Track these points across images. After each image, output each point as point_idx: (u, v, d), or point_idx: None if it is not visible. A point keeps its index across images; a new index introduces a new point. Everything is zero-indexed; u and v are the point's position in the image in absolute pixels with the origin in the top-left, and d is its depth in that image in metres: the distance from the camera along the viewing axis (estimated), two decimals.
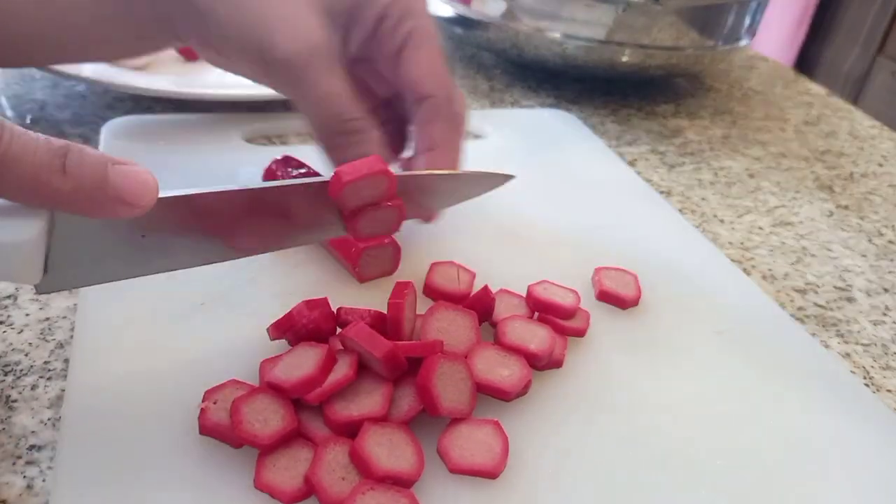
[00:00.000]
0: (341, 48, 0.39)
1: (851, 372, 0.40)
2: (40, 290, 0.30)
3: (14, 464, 0.30)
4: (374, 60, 0.42)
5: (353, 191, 0.34)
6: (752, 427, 0.35)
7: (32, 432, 0.31)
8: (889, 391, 0.40)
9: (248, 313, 0.37)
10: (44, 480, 0.30)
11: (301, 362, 0.31)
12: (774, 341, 0.41)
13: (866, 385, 0.40)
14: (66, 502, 0.27)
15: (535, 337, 0.35)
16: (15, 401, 0.33)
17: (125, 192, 0.27)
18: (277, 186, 0.34)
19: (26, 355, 0.35)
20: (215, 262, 0.34)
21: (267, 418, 0.29)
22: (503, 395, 0.33)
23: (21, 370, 0.34)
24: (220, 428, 0.30)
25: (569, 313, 0.38)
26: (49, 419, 0.32)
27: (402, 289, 0.34)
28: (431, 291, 0.39)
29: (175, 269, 0.33)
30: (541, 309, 0.38)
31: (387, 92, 0.44)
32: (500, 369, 0.33)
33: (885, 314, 0.47)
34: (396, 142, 0.44)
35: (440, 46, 0.41)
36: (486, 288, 0.37)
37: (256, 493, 0.29)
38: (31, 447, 0.31)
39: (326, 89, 0.38)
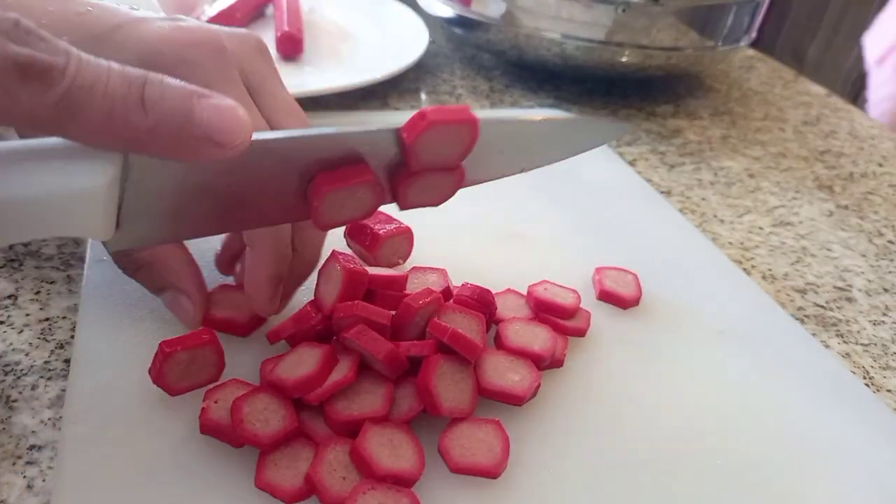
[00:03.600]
0: None
1: (851, 372, 0.40)
2: (112, 246, 0.27)
3: (14, 464, 0.30)
4: None
5: (432, 139, 0.29)
6: (752, 427, 0.35)
7: (33, 432, 0.31)
8: (889, 391, 0.40)
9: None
10: (44, 480, 0.30)
11: (302, 362, 0.31)
12: (774, 341, 0.41)
13: (866, 385, 0.40)
14: (66, 502, 0.27)
15: (538, 338, 0.35)
16: (15, 401, 0.33)
17: (214, 129, 0.23)
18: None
19: (26, 355, 0.35)
20: (297, 221, 0.31)
21: (267, 418, 0.29)
22: (515, 401, 0.33)
23: (21, 370, 0.34)
24: (221, 427, 0.30)
25: (569, 313, 0.38)
26: (49, 419, 0.32)
27: (426, 294, 0.34)
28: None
29: (255, 227, 0.30)
30: (541, 309, 0.38)
31: None
32: (509, 374, 0.33)
33: (884, 314, 0.47)
34: None
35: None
36: (487, 290, 0.36)
37: (257, 493, 0.29)
38: (32, 447, 0.31)
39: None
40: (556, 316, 0.38)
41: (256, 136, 0.25)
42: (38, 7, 0.30)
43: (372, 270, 0.35)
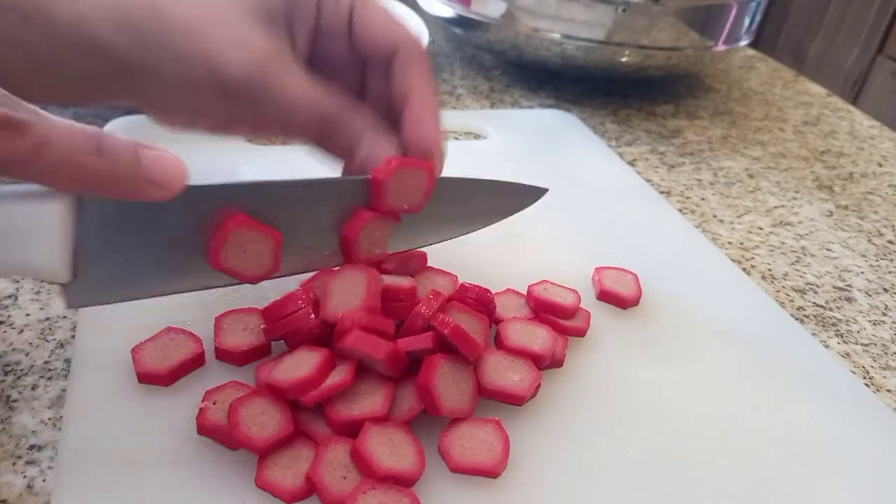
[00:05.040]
0: (293, 49, 0.39)
1: (851, 372, 0.40)
2: (69, 300, 0.30)
3: (14, 464, 0.30)
4: (331, 47, 0.41)
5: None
6: (752, 426, 0.35)
7: (33, 432, 0.31)
8: (889, 391, 0.40)
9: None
10: (44, 480, 0.30)
11: (300, 365, 0.31)
12: (774, 341, 0.41)
13: (866, 385, 0.40)
14: (66, 502, 0.27)
15: (537, 338, 0.35)
16: (15, 401, 0.33)
17: (156, 174, 0.28)
18: (317, 180, 0.34)
19: (27, 355, 0.35)
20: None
21: (264, 422, 0.29)
22: (516, 401, 0.33)
23: (21, 370, 0.34)
24: (219, 429, 0.30)
25: (569, 313, 0.38)
26: (49, 419, 0.32)
27: (436, 300, 0.34)
28: None
29: (205, 288, 0.33)
30: (542, 309, 0.38)
31: (355, 78, 0.43)
32: (509, 374, 0.33)
33: (884, 314, 0.47)
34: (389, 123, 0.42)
35: (384, 4, 0.40)
36: (486, 290, 0.36)
37: (257, 492, 0.29)
38: (32, 447, 0.31)
39: (295, 91, 0.37)
40: (557, 316, 0.38)
41: (195, 182, 0.30)
42: None
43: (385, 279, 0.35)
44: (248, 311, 0.36)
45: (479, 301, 0.36)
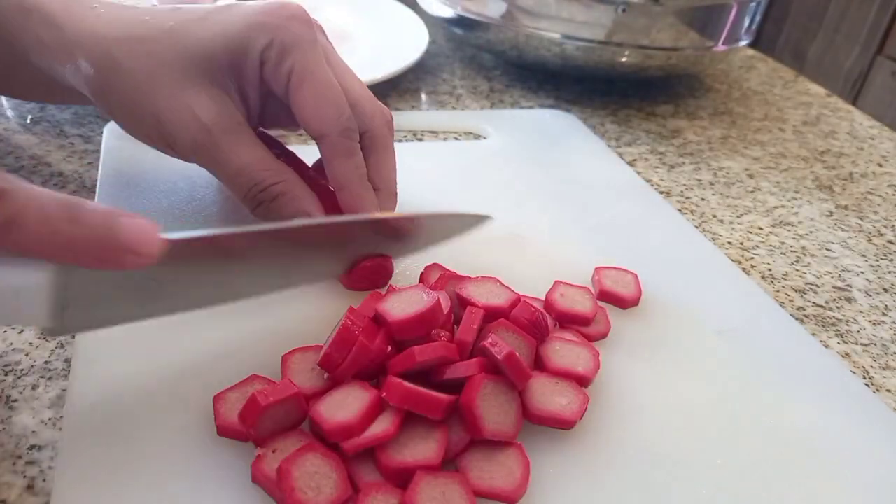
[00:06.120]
0: (244, 111, 0.39)
1: (851, 372, 0.40)
2: (53, 332, 0.29)
3: (14, 464, 0.30)
4: (278, 104, 0.41)
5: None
6: (752, 426, 0.35)
7: (33, 432, 0.31)
8: (889, 391, 0.40)
9: (249, 313, 0.37)
10: (44, 480, 0.30)
11: (345, 404, 0.30)
12: (774, 341, 0.41)
13: (866, 385, 0.40)
14: (66, 502, 0.27)
15: (580, 359, 0.35)
16: (15, 401, 0.33)
17: (132, 240, 0.27)
18: (284, 228, 0.34)
19: (27, 355, 0.35)
20: (226, 303, 0.34)
21: (318, 483, 0.27)
22: (565, 425, 0.32)
23: (21, 370, 0.34)
24: (271, 484, 0.28)
25: (589, 320, 0.38)
26: (49, 419, 0.32)
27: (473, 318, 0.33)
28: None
29: (185, 311, 0.33)
30: (564, 320, 0.38)
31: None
32: (557, 398, 0.32)
33: (884, 314, 0.47)
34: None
35: (327, 78, 0.38)
36: (543, 313, 0.35)
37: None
38: (32, 447, 0.31)
39: (238, 163, 0.37)
40: (578, 324, 0.38)
41: (174, 236, 0.29)
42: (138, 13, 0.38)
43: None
44: (313, 349, 0.34)
45: (534, 325, 0.35)
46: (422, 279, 0.40)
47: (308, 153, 0.44)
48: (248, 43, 0.38)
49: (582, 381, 0.34)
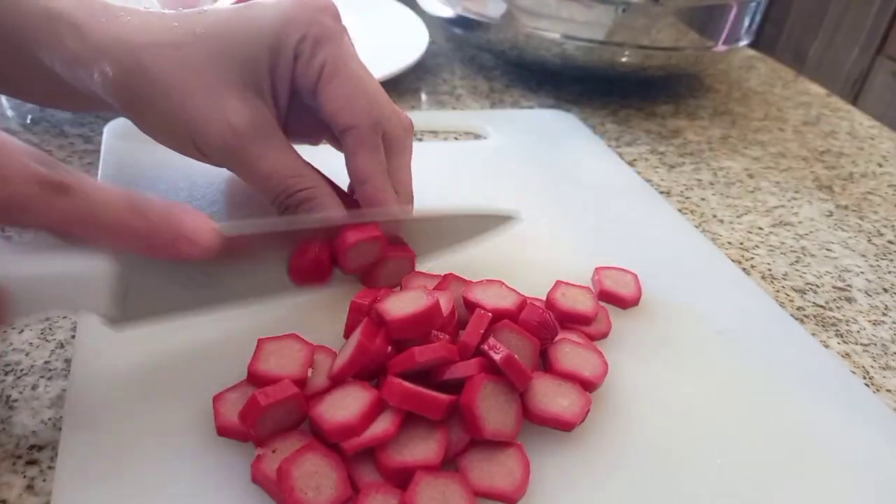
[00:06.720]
0: (275, 113, 0.39)
1: (851, 372, 0.40)
2: (112, 321, 0.32)
3: (14, 464, 0.30)
4: (304, 103, 0.41)
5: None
6: (752, 426, 0.35)
7: (33, 432, 0.31)
8: (889, 391, 0.40)
9: (250, 313, 0.37)
10: (44, 480, 0.30)
11: (345, 404, 0.30)
12: (774, 341, 0.41)
13: (866, 385, 0.40)
14: (66, 502, 0.27)
15: (588, 363, 0.35)
16: (15, 401, 0.33)
17: (190, 230, 0.30)
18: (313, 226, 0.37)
19: (27, 355, 0.35)
20: (276, 296, 0.37)
21: (318, 484, 0.27)
22: (566, 427, 0.32)
23: (21, 370, 0.34)
24: (271, 484, 0.28)
25: (591, 319, 0.38)
26: (49, 419, 0.32)
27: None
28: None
29: (234, 303, 0.36)
30: (566, 320, 0.38)
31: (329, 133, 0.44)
32: (558, 399, 0.32)
33: (884, 314, 0.47)
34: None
35: (359, 72, 0.39)
36: (550, 315, 0.35)
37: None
38: (32, 447, 0.31)
39: (267, 167, 0.38)
40: (580, 324, 0.38)
41: (227, 231, 0.32)
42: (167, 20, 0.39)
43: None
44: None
45: (542, 326, 0.35)
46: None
47: (309, 152, 0.44)
48: (283, 38, 0.38)
49: (588, 386, 0.34)
